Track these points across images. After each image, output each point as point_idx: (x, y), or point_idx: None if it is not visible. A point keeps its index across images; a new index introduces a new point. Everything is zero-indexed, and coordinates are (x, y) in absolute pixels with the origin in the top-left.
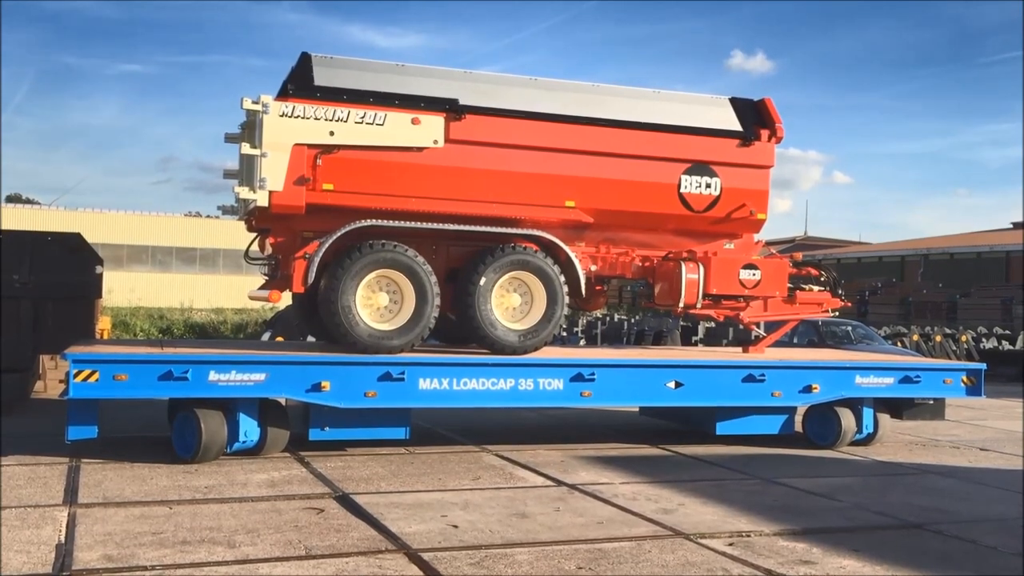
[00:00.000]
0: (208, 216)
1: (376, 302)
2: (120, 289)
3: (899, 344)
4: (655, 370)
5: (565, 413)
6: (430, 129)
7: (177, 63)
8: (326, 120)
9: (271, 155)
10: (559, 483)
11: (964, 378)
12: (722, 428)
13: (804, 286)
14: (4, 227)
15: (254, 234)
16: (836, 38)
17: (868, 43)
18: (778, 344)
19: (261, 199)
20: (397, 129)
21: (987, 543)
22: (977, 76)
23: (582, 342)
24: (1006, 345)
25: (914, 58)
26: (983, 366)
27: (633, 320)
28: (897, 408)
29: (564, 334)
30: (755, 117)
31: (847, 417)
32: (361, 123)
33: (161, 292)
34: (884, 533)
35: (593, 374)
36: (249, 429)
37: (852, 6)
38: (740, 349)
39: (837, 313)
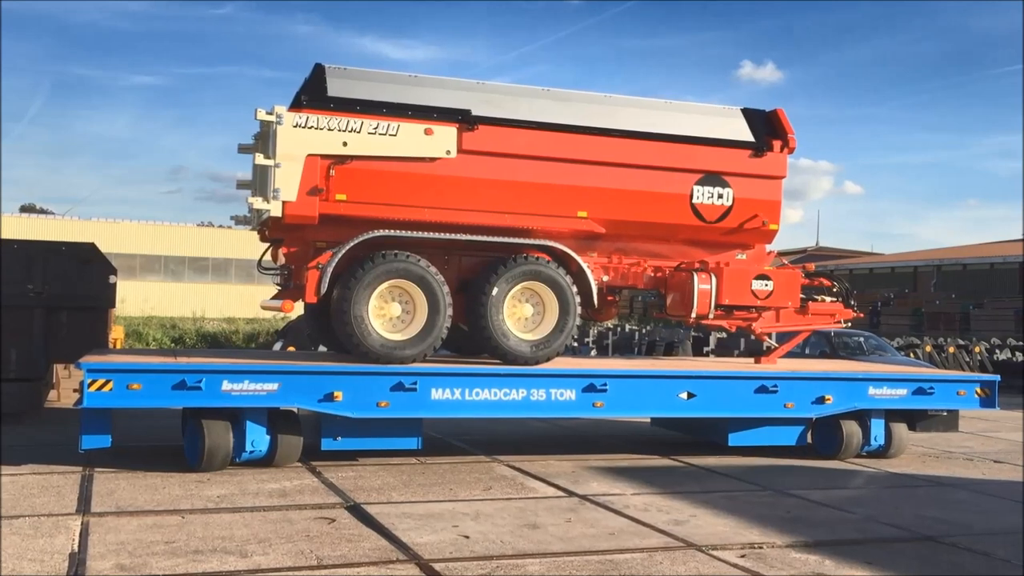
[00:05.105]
0: (220, 226)
1: (388, 312)
2: (133, 299)
3: (912, 355)
4: (667, 381)
5: (576, 423)
6: (443, 139)
7: (189, 75)
8: (339, 131)
9: (284, 166)
10: (570, 494)
11: (978, 390)
12: (734, 439)
13: (816, 297)
14: (20, 237)
15: (267, 244)
16: (846, 49)
17: (878, 54)
18: (790, 355)
19: (274, 209)
20: (410, 139)
21: (1000, 556)
22: (987, 87)
23: (593, 352)
24: (1020, 356)
25: (924, 69)
26: (997, 378)
27: (644, 331)
28: (910, 419)
29: (575, 344)
30: (767, 128)
31: (850, 427)
32: (374, 134)
33: (173, 302)
34: (897, 545)
35: (605, 385)
36: (257, 439)
37: (862, 17)
38: (752, 360)
39: (849, 324)
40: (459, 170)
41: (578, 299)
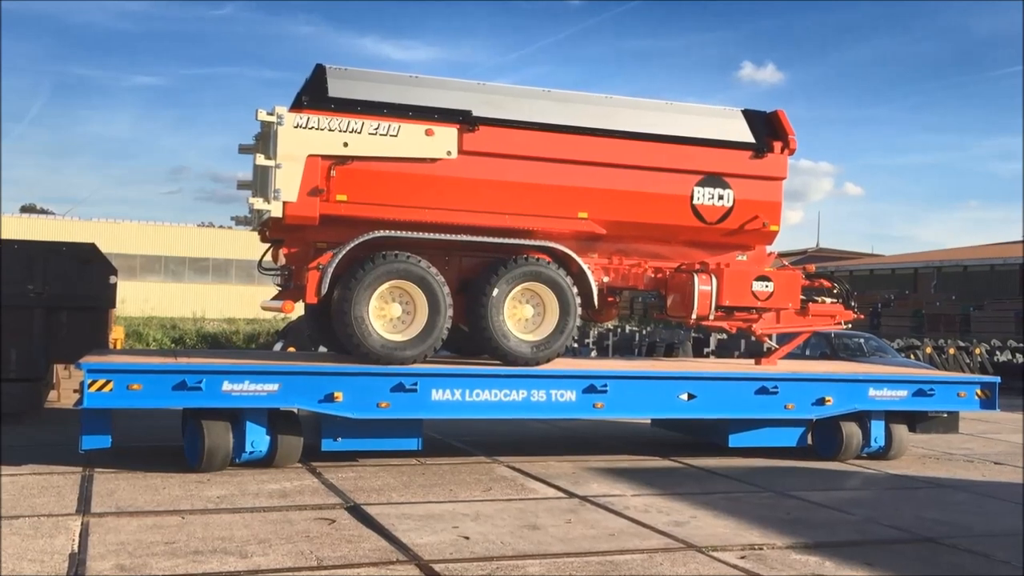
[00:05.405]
0: (221, 227)
1: (389, 313)
2: (133, 299)
3: (912, 357)
4: (667, 382)
5: (576, 424)
6: (443, 140)
7: (189, 75)
8: (340, 131)
9: (285, 166)
10: (571, 495)
11: (978, 391)
12: (735, 440)
13: (817, 298)
14: (20, 238)
15: (267, 245)
16: (846, 49)
17: (878, 54)
18: (790, 356)
19: (275, 210)
20: (411, 140)
21: (1001, 557)
22: (988, 88)
23: (593, 353)
24: (1020, 358)
25: (924, 69)
26: (997, 379)
27: (645, 332)
28: (911, 421)
29: (575, 345)
30: (768, 129)
31: (850, 428)
32: (375, 134)
33: (173, 302)
34: (897, 547)
35: (605, 386)
36: (256, 439)
37: (862, 17)
38: (752, 361)
39: (850, 325)
40: (460, 171)
41: (578, 300)
